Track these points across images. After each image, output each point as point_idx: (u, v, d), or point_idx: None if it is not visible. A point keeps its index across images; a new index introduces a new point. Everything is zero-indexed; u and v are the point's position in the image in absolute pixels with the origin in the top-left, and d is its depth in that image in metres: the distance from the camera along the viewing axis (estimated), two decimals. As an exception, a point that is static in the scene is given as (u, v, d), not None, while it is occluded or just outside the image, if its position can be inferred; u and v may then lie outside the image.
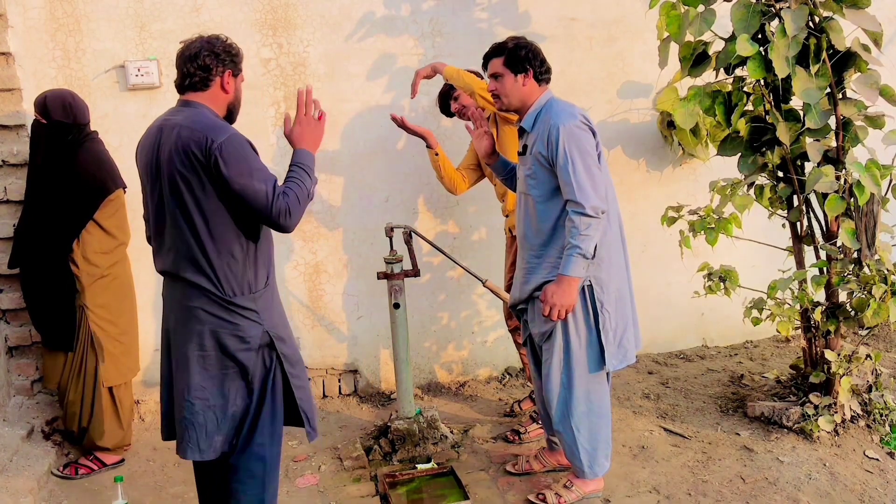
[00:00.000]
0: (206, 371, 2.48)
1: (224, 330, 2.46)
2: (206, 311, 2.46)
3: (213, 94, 2.52)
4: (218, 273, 2.44)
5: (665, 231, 4.03)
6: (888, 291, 3.29)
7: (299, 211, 2.47)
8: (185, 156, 2.38)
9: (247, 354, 2.48)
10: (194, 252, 2.44)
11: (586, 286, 2.98)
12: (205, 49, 2.49)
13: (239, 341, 2.47)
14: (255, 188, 2.39)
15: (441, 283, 4.46)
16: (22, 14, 3.86)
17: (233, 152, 2.38)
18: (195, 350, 2.47)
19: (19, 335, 3.97)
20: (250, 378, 2.50)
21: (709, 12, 3.40)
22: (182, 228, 2.44)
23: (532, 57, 3.02)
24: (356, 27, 4.20)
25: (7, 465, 3.41)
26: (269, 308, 2.55)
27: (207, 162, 2.36)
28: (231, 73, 2.53)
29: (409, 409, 3.71)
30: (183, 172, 2.39)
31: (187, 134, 2.39)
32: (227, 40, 2.55)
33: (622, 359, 3.07)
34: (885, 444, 3.48)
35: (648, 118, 4.57)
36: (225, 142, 2.37)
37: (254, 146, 2.50)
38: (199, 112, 2.47)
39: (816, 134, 3.42)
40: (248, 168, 2.39)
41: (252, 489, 2.57)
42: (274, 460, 2.61)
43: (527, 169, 3.06)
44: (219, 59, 2.49)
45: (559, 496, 3.14)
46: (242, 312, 2.47)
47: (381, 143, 4.31)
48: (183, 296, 2.50)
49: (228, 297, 2.46)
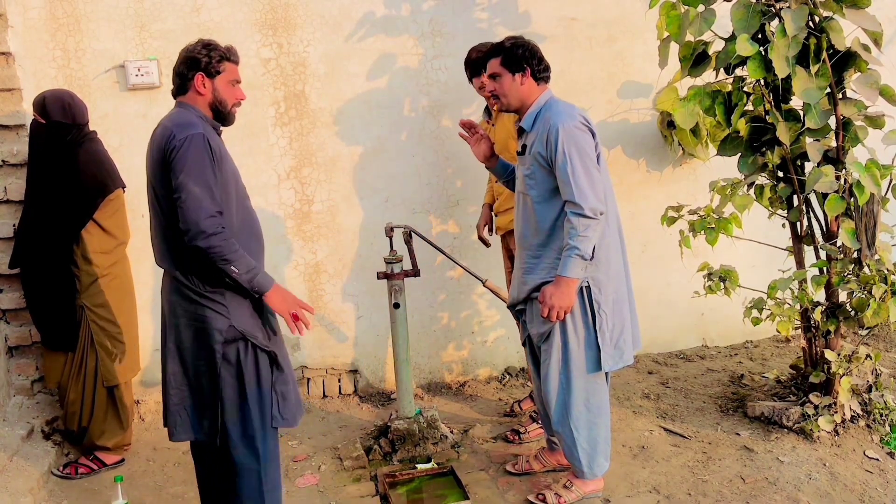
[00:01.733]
0: (182, 360, 2.62)
1: (196, 322, 2.58)
2: (180, 303, 2.60)
3: (192, 97, 2.65)
4: (187, 266, 2.55)
5: (665, 231, 4.03)
6: (888, 291, 3.29)
7: (215, 248, 2.43)
8: (156, 150, 2.54)
9: (214, 345, 2.56)
10: (170, 245, 2.58)
11: (584, 287, 2.98)
12: (182, 55, 2.64)
13: (206, 332, 2.57)
14: (192, 189, 2.43)
15: (441, 283, 4.46)
16: (22, 14, 3.86)
17: (188, 148, 2.47)
18: (173, 340, 2.62)
19: (19, 335, 3.97)
20: (219, 369, 2.57)
21: (709, 12, 3.40)
22: (160, 223, 2.59)
23: (530, 56, 3.02)
24: (356, 27, 4.20)
25: (7, 465, 3.41)
26: (240, 305, 2.59)
27: (168, 155, 2.48)
28: (204, 75, 2.62)
29: (409, 409, 3.71)
30: (155, 168, 2.55)
31: (160, 131, 2.57)
32: (209, 44, 2.65)
33: (619, 360, 3.07)
34: (885, 444, 3.48)
35: (648, 118, 4.57)
36: (185, 138, 2.48)
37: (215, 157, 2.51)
38: (181, 111, 2.63)
39: (816, 134, 3.42)
40: (196, 169, 2.46)
41: (249, 482, 2.63)
42: (269, 453, 2.65)
43: (525, 169, 3.06)
44: (192, 63, 2.62)
45: (559, 496, 3.14)
46: (209, 304, 2.56)
47: (381, 143, 4.31)
48: (167, 289, 2.66)
49: (198, 290, 2.56)
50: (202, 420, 2.63)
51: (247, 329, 2.59)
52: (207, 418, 2.62)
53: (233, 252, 2.48)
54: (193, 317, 2.58)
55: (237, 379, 2.59)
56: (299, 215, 4.27)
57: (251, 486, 2.63)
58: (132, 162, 3.95)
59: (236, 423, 2.60)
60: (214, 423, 2.61)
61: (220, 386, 2.59)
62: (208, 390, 2.61)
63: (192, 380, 2.63)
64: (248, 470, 2.63)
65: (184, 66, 2.63)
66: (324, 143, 4.26)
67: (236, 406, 2.60)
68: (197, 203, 2.44)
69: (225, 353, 2.57)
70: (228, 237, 2.47)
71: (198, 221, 2.43)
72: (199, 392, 2.63)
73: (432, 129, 4.35)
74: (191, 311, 2.58)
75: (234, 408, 2.60)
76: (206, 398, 2.62)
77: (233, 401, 2.59)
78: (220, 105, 2.66)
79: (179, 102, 2.67)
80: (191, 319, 2.59)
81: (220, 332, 2.56)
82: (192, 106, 2.63)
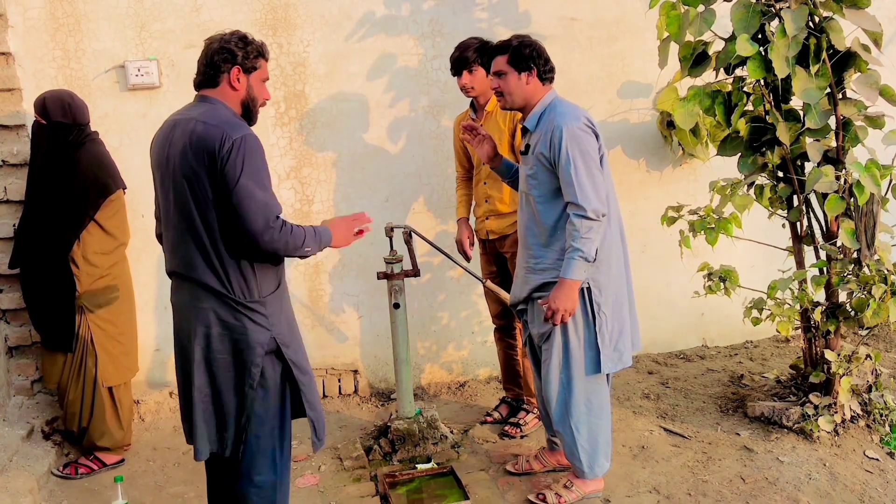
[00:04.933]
0: (211, 372, 2.46)
1: (232, 333, 2.43)
2: (215, 312, 2.42)
3: (223, 91, 2.47)
4: (229, 274, 2.40)
5: (665, 231, 4.03)
6: (888, 291, 3.29)
7: (286, 243, 2.38)
8: (199, 151, 2.33)
9: (254, 358, 2.44)
10: (205, 251, 2.39)
11: (585, 288, 2.98)
12: (217, 45, 2.46)
13: (246, 345, 2.44)
14: (255, 193, 2.33)
15: (441, 283, 4.46)
16: (22, 14, 3.86)
17: (248, 150, 2.34)
18: (201, 351, 2.44)
19: (19, 335, 3.97)
20: (255, 382, 2.46)
21: (709, 12, 3.40)
22: (193, 227, 2.39)
23: (536, 56, 3.02)
24: (356, 27, 4.20)
25: (7, 465, 3.41)
26: (279, 313, 2.51)
27: (221, 157, 2.31)
28: (241, 69, 2.47)
29: (409, 409, 3.71)
30: (195, 168, 2.34)
31: (202, 129, 2.35)
32: (245, 37, 2.50)
33: (618, 362, 3.06)
34: (885, 444, 3.48)
35: (648, 118, 4.57)
36: (241, 138, 2.34)
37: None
38: (216, 108, 2.44)
39: (816, 134, 3.42)
40: (255, 171, 2.35)
41: (263, 495, 2.56)
42: (284, 466, 2.60)
43: (528, 169, 3.06)
44: (229, 55, 2.45)
45: (559, 496, 3.14)
46: (251, 316, 2.43)
47: (381, 143, 4.31)
48: (192, 297, 2.45)
49: (238, 300, 2.42)
50: (222, 433, 2.50)
51: (284, 339, 2.50)
52: (227, 431, 2.49)
53: (300, 238, 2.41)
54: (230, 327, 2.42)
55: (267, 392, 2.50)
56: (299, 215, 4.27)
57: (265, 498, 2.56)
58: (132, 162, 3.95)
59: (259, 439, 2.51)
60: (237, 438, 2.50)
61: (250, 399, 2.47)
62: (232, 403, 2.48)
63: (219, 392, 2.48)
64: (264, 482, 2.55)
65: (218, 56, 2.44)
66: (324, 144, 4.26)
67: (261, 420, 2.50)
68: (264, 207, 2.33)
69: (262, 367, 2.46)
70: (289, 229, 2.39)
71: (268, 224, 2.33)
72: (223, 404, 2.48)
73: (432, 129, 4.35)
74: (228, 321, 2.42)
75: (259, 423, 2.50)
76: (229, 411, 2.48)
77: (260, 416, 2.49)
78: (251, 103, 2.52)
79: (204, 97, 2.48)
80: (227, 329, 2.43)
81: (262, 345, 2.44)
82: (222, 102, 2.46)
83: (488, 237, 3.76)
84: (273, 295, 2.50)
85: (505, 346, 3.94)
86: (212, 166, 2.33)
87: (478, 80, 3.58)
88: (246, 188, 2.32)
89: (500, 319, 3.90)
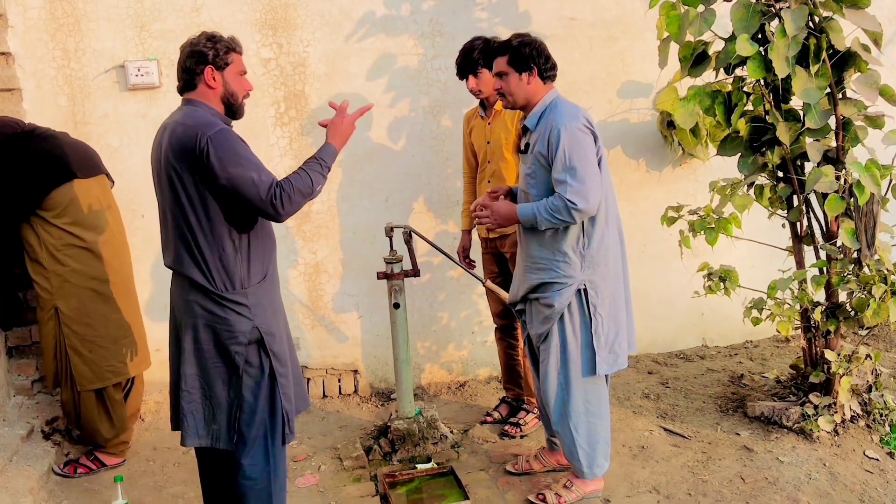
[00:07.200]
0: (200, 363, 2.57)
1: (216, 324, 2.54)
2: (200, 304, 2.54)
3: (202, 92, 2.58)
4: (210, 268, 2.51)
5: (665, 231, 4.03)
6: (888, 291, 3.29)
7: (294, 201, 2.50)
8: (179, 151, 2.46)
9: (237, 349, 2.54)
10: (189, 247, 2.52)
11: (581, 289, 2.99)
12: (188, 50, 2.58)
13: (229, 336, 2.53)
14: (246, 176, 2.44)
15: (441, 283, 4.46)
16: (22, 14, 3.86)
17: (223, 142, 2.44)
18: (190, 342, 2.56)
19: (19, 335, 3.96)
20: (240, 373, 2.55)
21: (709, 12, 3.40)
22: (178, 224, 2.52)
23: (537, 55, 3.02)
24: (356, 27, 4.20)
25: (7, 465, 3.41)
26: (262, 304, 2.59)
27: (199, 155, 2.42)
28: (213, 68, 2.56)
29: (409, 409, 3.71)
30: (176, 167, 2.47)
31: (181, 131, 2.47)
32: (213, 36, 2.59)
33: (613, 364, 3.07)
34: (885, 444, 3.48)
35: (648, 118, 4.57)
36: (215, 134, 2.44)
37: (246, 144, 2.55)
38: (196, 109, 2.56)
39: (816, 134, 3.42)
40: (236, 157, 2.45)
41: (258, 486, 2.60)
42: (277, 457, 2.63)
43: (527, 168, 3.06)
44: (200, 56, 2.55)
45: (559, 496, 3.14)
46: (233, 307, 2.53)
47: (381, 143, 4.31)
48: (182, 289, 2.59)
49: (219, 292, 2.52)
50: (211, 425, 2.59)
51: (268, 328, 2.58)
52: (217, 423, 2.58)
53: (306, 186, 2.52)
54: (214, 318, 2.53)
55: (255, 383, 2.57)
56: (299, 215, 4.26)
57: (260, 489, 2.60)
58: (132, 162, 3.95)
59: (250, 428, 2.56)
60: (229, 429, 2.57)
61: (239, 390, 2.55)
62: (222, 394, 2.57)
63: (208, 383, 2.57)
64: (258, 475, 2.59)
65: (190, 60, 2.55)
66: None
67: (252, 410, 2.56)
68: (258, 184, 2.44)
69: (247, 357, 2.55)
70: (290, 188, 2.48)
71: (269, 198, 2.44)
72: (212, 396, 2.58)
73: (432, 130, 4.35)
74: (212, 313, 2.53)
75: (250, 413, 2.56)
76: (218, 402, 2.57)
77: (250, 406, 2.56)
78: (231, 98, 2.61)
79: (188, 100, 2.59)
80: (211, 321, 2.53)
81: (244, 333, 2.54)
82: (204, 102, 2.57)
83: (489, 236, 3.76)
84: (258, 285, 2.59)
85: (506, 345, 3.94)
86: (193, 164, 2.45)
87: (485, 83, 3.58)
88: (235, 176, 2.43)
89: (501, 319, 3.90)
